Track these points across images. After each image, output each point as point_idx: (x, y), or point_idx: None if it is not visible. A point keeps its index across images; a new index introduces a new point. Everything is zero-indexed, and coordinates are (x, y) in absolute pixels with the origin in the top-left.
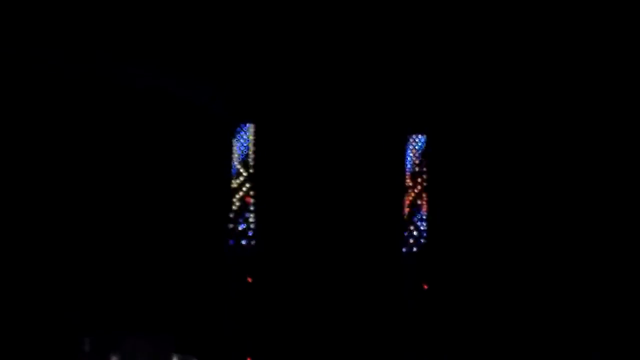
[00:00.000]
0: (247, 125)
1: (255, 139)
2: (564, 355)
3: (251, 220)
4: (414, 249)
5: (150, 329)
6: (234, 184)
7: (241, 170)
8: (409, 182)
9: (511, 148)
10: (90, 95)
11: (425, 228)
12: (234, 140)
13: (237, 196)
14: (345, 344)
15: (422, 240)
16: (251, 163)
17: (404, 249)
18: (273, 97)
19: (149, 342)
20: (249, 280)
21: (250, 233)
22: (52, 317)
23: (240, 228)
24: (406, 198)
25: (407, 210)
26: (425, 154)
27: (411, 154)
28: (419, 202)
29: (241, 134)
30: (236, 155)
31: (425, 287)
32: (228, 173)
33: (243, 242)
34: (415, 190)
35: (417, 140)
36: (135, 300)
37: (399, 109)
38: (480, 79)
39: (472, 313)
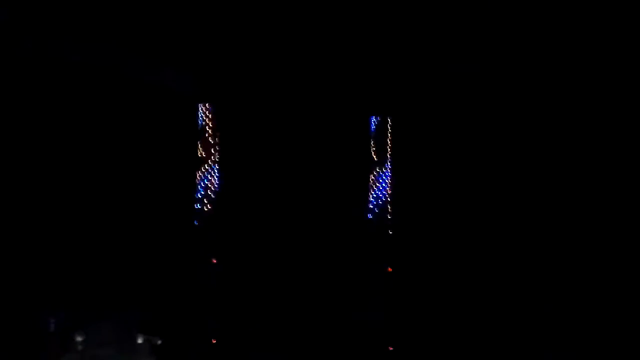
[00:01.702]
0: (207, 105)
1: (217, 119)
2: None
3: (216, 200)
4: (379, 230)
5: (115, 309)
6: (199, 163)
7: (204, 152)
8: (373, 160)
9: (475, 125)
10: (54, 75)
11: (390, 210)
12: (198, 121)
13: (202, 176)
14: (312, 326)
15: (387, 222)
16: (216, 143)
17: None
18: (235, 77)
19: (114, 322)
20: (214, 261)
21: (214, 213)
22: (15, 298)
23: (205, 209)
24: (370, 177)
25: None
26: (389, 133)
27: (375, 133)
28: (382, 181)
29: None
30: (200, 136)
31: (390, 270)
32: (193, 153)
33: (208, 223)
34: (378, 170)
35: (379, 120)
36: (100, 280)
37: (360, 89)
38: (442, 58)
39: (437, 294)
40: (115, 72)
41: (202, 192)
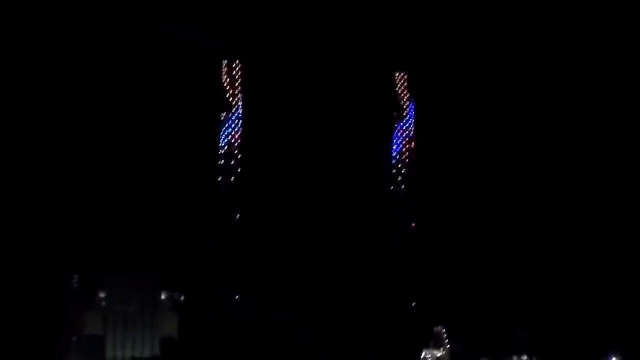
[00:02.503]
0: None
1: (243, 76)
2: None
3: (239, 158)
4: (402, 186)
5: (137, 266)
6: (223, 121)
7: (228, 108)
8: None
9: (494, 89)
10: (82, 36)
11: (412, 167)
12: (223, 77)
13: (226, 133)
14: (331, 283)
15: (409, 179)
16: (239, 100)
17: (392, 187)
18: (262, 34)
19: (136, 279)
20: (237, 217)
21: (238, 170)
22: (39, 255)
23: (227, 166)
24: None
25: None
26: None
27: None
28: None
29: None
30: (224, 92)
31: (413, 225)
32: (217, 110)
33: (231, 180)
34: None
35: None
36: (123, 238)
37: (383, 47)
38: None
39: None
40: (142, 28)
41: (225, 149)
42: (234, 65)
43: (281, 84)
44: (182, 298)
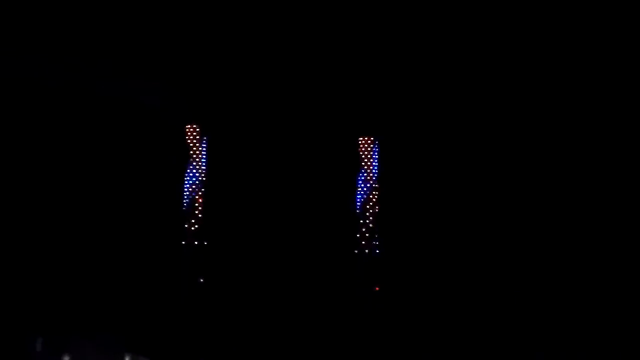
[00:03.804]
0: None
1: (208, 143)
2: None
3: (202, 220)
4: (366, 251)
5: (102, 329)
6: (187, 185)
7: (194, 172)
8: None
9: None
10: (41, 97)
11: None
12: (188, 142)
13: (190, 197)
14: (299, 343)
15: (375, 242)
16: (203, 164)
17: (356, 251)
18: (225, 97)
19: (101, 341)
20: (201, 280)
21: (202, 233)
22: (2, 318)
23: (192, 228)
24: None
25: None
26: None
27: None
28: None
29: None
30: (189, 157)
31: (377, 289)
32: (180, 174)
33: (195, 242)
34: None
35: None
36: (87, 299)
37: (349, 111)
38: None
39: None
40: (103, 93)
41: (189, 212)
42: (194, 129)
43: (243, 147)
44: None
